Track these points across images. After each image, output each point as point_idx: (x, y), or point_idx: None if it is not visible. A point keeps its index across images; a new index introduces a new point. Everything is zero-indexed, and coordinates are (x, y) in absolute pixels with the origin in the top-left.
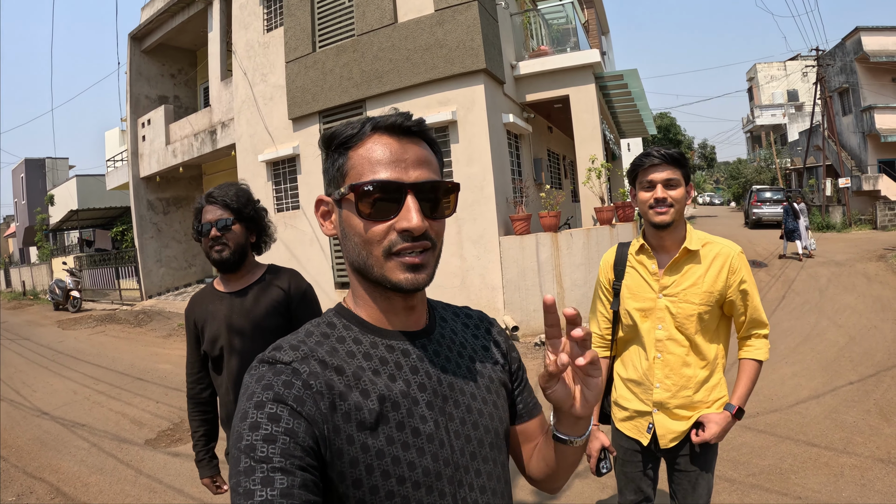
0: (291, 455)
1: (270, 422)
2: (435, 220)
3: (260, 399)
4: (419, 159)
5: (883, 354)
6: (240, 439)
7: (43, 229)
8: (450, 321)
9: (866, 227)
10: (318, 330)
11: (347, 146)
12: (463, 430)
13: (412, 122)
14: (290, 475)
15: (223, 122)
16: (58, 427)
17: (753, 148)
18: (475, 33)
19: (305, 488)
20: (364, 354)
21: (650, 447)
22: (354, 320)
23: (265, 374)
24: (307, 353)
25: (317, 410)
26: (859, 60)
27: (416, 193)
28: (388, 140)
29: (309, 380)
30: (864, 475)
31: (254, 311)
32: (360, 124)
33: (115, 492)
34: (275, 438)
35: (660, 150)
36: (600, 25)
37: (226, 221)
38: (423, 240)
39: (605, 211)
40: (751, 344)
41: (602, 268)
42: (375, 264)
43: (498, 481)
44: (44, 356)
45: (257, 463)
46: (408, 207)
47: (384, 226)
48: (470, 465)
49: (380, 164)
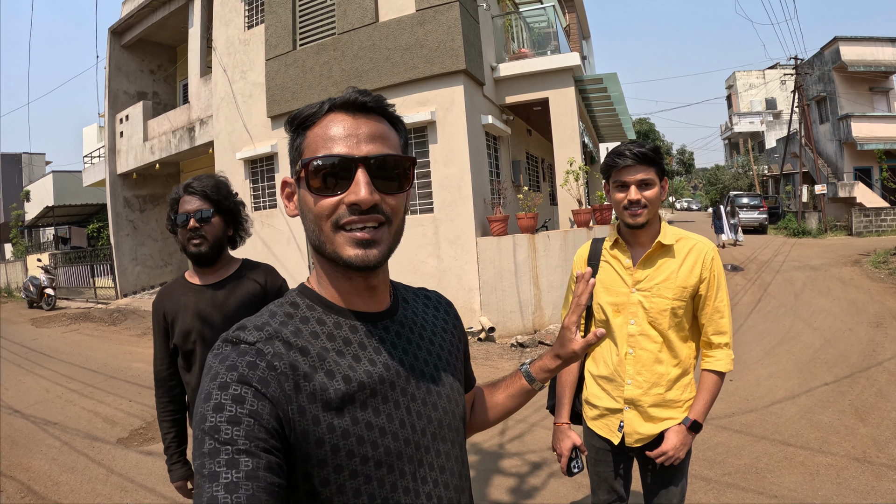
0: (256, 437)
1: (234, 403)
2: (390, 194)
3: (224, 380)
4: (373, 134)
5: (857, 356)
6: (203, 420)
7: (18, 225)
8: (411, 302)
9: (842, 233)
10: (282, 310)
11: (306, 126)
12: (424, 410)
13: (368, 98)
14: (255, 457)
15: (202, 119)
16: (29, 425)
17: (731, 154)
18: (456, 34)
19: (270, 470)
20: (328, 335)
21: (622, 446)
22: (318, 300)
23: (229, 355)
24: (271, 333)
25: (281, 392)
26: (837, 70)
27: (367, 168)
28: (344, 117)
29: (273, 361)
30: (839, 474)
31: (228, 304)
32: (318, 104)
33: (86, 491)
34: (239, 420)
35: (633, 148)
36: (581, 30)
37: (205, 213)
38: (374, 213)
39: (582, 213)
40: (712, 355)
41: (576, 262)
42: (326, 240)
43: (456, 461)
44: (16, 354)
45: (222, 445)
46: (357, 181)
47: (333, 200)
48: (431, 446)
49: (332, 139)
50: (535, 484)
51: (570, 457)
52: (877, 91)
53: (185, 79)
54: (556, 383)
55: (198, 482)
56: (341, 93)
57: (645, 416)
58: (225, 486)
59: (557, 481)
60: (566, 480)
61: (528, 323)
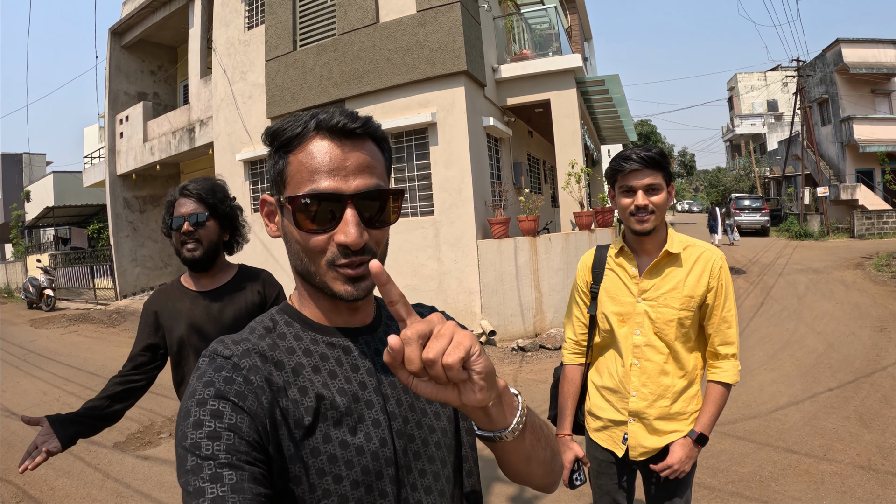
0: (237, 450)
1: (213, 419)
2: (376, 228)
3: (201, 396)
4: (361, 165)
5: (862, 361)
6: (184, 438)
7: (18, 226)
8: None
9: (844, 235)
10: (261, 325)
11: (288, 149)
12: (406, 429)
13: (356, 125)
14: (239, 470)
15: (202, 119)
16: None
17: (733, 156)
18: (457, 35)
19: (255, 481)
20: (304, 350)
21: (625, 458)
22: (296, 317)
23: (206, 371)
24: (249, 348)
25: (258, 405)
26: (839, 72)
27: (356, 203)
28: (331, 145)
29: (249, 375)
30: (844, 482)
31: (224, 315)
32: (302, 123)
33: (81, 496)
34: (219, 435)
35: (640, 152)
36: (583, 31)
37: (200, 217)
38: (363, 254)
39: (584, 216)
40: (719, 366)
41: (579, 270)
42: (317, 273)
43: (447, 481)
44: (14, 355)
45: (204, 460)
46: (346, 221)
47: (324, 237)
48: (413, 465)
49: (319, 172)
50: (535, 493)
51: (573, 469)
52: (879, 93)
53: (185, 80)
54: (559, 394)
55: (184, 499)
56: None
57: (650, 429)
58: (211, 501)
59: (558, 493)
60: (568, 492)
61: (530, 326)
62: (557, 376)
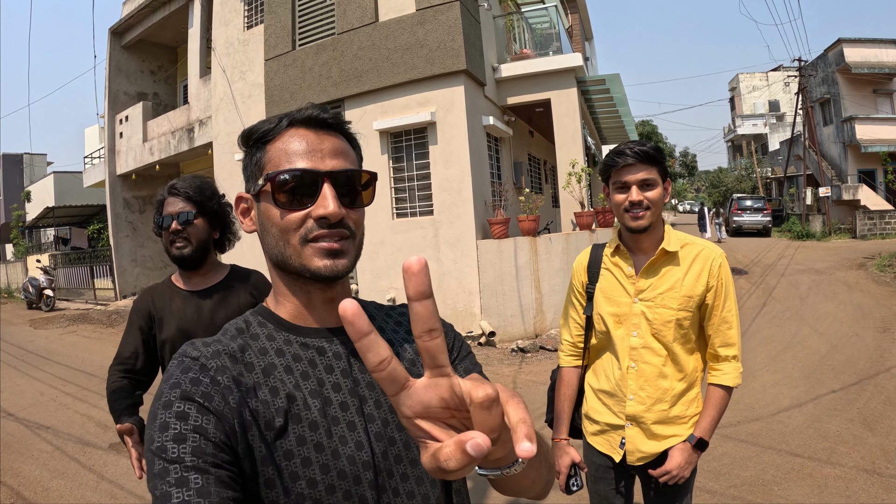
0: (203, 453)
1: (179, 420)
2: (353, 209)
3: (168, 398)
4: (336, 150)
5: (865, 363)
6: (151, 441)
7: (19, 226)
8: (379, 320)
9: (846, 235)
10: (233, 327)
11: (265, 140)
12: (385, 431)
13: (328, 115)
14: (205, 473)
15: (201, 119)
16: (22, 429)
17: (734, 157)
18: (456, 34)
19: (222, 484)
20: (276, 351)
21: (623, 463)
22: (270, 318)
23: (174, 373)
24: (219, 349)
25: (225, 405)
26: (841, 71)
27: (332, 182)
28: (305, 132)
29: (217, 375)
30: (848, 486)
31: (215, 316)
32: (277, 118)
33: (75, 497)
34: (184, 437)
35: (633, 146)
36: (584, 31)
37: (187, 215)
38: (341, 227)
39: (584, 216)
40: (719, 368)
41: (575, 271)
42: (293, 254)
43: (432, 486)
44: (13, 356)
45: (170, 464)
46: (324, 195)
47: (301, 214)
48: (394, 469)
49: (296, 154)
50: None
51: (569, 474)
52: (881, 93)
53: (185, 80)
54: (556, 397)
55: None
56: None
57: (648, 433)
58: None
59: (556, 498)
60: (564, 498)
61: (530, 327)
62: (554, 379)
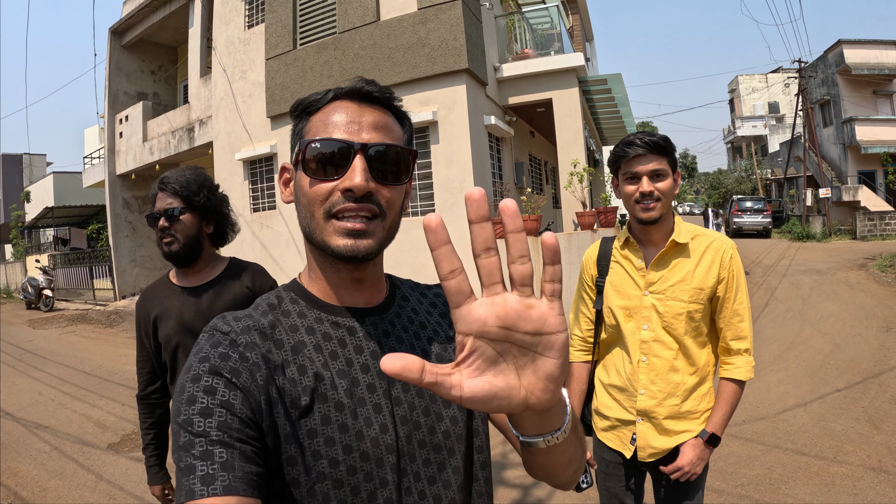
0: (229, 427)
1: (206, 395)
2: (385, 185)
3: (196, 372)
4: (376, 124)
5: (869, 362)
6: (178, 413)
7: (18, 226)
8: (413, 301)
9: (846, 237)
10: (265, 302)
11: (310, 111)
12: (412, 415)
13: (374, 88)
14: (229, 448)
15: (201, 119)
16: (20, 429)
17: (734, 158)
18: (458, 33)
19: (246, 459)
20: (307, 329)
21: (634, 459)
22: (303, 294)
23: (203, 347)
24: (249, 324)
25: (252, 382)
26: (841, 73)
27: (365, 155)
28: (348, 104)
29: (245, 351)
30: (855, 484)
31: (212, 311)
32: (325, 91)
33: (73, 497)
34: (211, 412)
35: (643, 136)
36: (585, 32)
37: (173, 211)
38: (368, 203)
39: (586, 216)
40: (731, 362)
41: (585, 264)
42: (317, 228)
43: (455, 472)
44: (11, 355)
45: (195, 437)
46: (353, 167)
47: (329, 185)
48: (417, 454)
49: (334, 125)
50: (539, 496)
51: None
52: (881, 94)
53: (185, 79)
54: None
55: (177, 476)
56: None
57: (659, 428)
58: (201, 479)
59: (562, 496)
60: (573, 495)
61: None
62: None
